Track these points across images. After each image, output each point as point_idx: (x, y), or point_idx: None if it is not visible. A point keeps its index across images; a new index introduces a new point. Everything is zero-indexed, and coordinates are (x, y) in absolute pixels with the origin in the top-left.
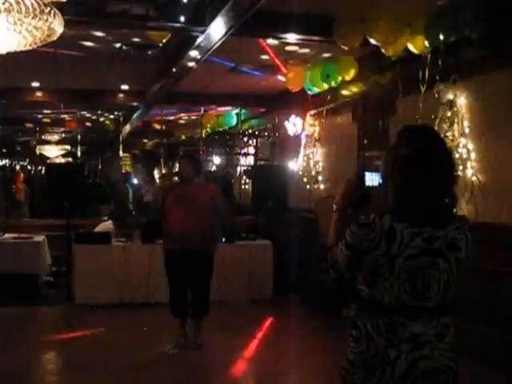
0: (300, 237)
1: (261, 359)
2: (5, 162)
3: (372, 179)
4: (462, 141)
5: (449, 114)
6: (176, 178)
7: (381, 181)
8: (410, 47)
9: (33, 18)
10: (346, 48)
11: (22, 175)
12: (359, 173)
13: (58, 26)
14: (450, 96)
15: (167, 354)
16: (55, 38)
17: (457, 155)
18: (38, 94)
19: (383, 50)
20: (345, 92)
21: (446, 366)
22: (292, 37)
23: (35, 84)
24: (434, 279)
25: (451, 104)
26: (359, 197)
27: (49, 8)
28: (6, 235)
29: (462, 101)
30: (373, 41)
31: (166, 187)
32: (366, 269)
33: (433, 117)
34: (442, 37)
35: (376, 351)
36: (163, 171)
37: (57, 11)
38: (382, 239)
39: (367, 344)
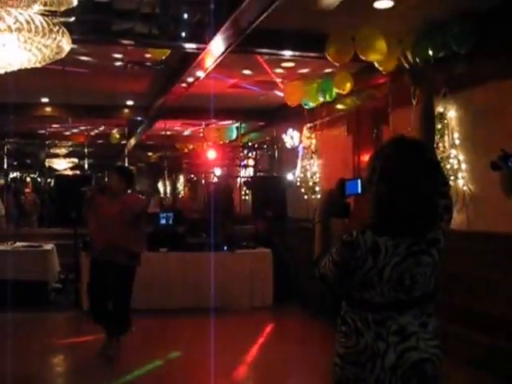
0: (298, 245)
1: (262, 364)
2: (16, 174)
3: (352, 188)
4: (453, 152)
5: (439, 126)
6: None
7: (360, 190)
8: (402, 63)
9: (42, 37)
10: (336, 64)
11: (30, 186)
12: (340, 182)
13: (65, 44)
14: (441, 109)
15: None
16: (63, 56)
17: (448, 166)
18: (48, 109)
19: (376, 65)
20: (340, 106)
21: (432, 355)
22: (288, 53)
23: (44, 99)
24: (421, 274)
25: (441, 116)
26: (340, 206)
27: (57, 27)
28: (17, 244)
29: (451, 113)
30: (365, 58)
31: (90, 198)
32: (355, 280)
33: None
34: (431, 52)
35: (365, 345)
36: (167, 183)
37: (65, 30)
38: (368, 255)
39: (357, 338)
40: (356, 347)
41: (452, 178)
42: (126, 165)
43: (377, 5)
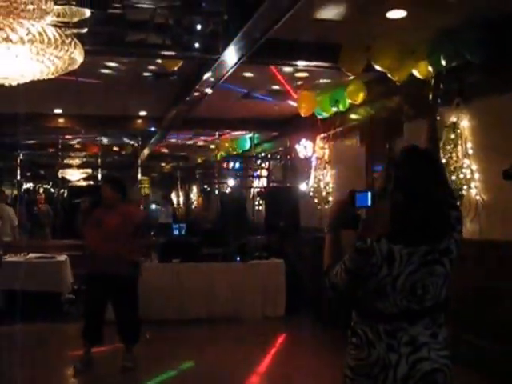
0: (311, 255)
1: (274, 374)
2: (29, 185)
3: (362, 201)
4: (466, 161)
5: (452, 136)
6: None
7: (370, 202)
8: (415, 72)
9: (54, 48)
10: (350, 74)
11: (43, 197)
12: (350, 194)
13: (78, 56)
14: (454, 119)
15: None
16: (76, 67)
17: (461, 175)
18: (61, 120)
19: (389, 75)
20: (353, 116)
21: (443, 365)
22: (301, 64)
23: (58, 111)
24: (432, 284)
25: (454, 126)
26: (350, 218)
27: (69, 38)
28: (30, 255)
29: (465, 123)
30: (379, 67)
31: (85, 211)
32: (368, 287)
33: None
34: (443, 62)
35: (377, 357)
36: (180, 194)
37: (77, 41)
38: (382, 262)
39: (368, 350)
40: (368, 359)
41: (465, 187)
42: (140, 176)
43: (390, 15)
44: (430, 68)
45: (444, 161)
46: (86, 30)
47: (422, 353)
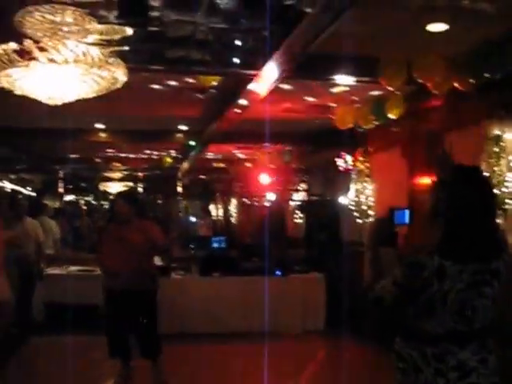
0: (351, 269)
1: None
2: (71, 198)
3: (400, 218)
4: (509, 175)
5: (496, 149)
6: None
7: (408, 220)
8: (456, 85)
9: (98, 68)
10: (390, 88)
11: (83, 210)
12: (389, 212)
13: (121, 76)
14: (497, 131)
15: None
16: (119, 86)
17: (504, 189)
18: (102, 134)
19: (431, 88)
20: (393, 129)
21: None
22: (340, 78)
23: (99, 125)
24: (482, 306)
25: (498, 139)
26: (389, 235)
27: (113, 58)
28: (71, 268)
29: (509, 136)
30: (419, 80)
31: (101, 228)
32: (418, 303)
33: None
34: (486, 74)
35: (425, 382)
36: (219, 206)
37: (120, 61)
38: (434, 277)
39: (416, 375)
40: None
41: (508, 201)
42: (180, 188)
43: (430, 28)
44: (472, 80)
45: (487, 174)
46: (127, 47)
47: (471, 378)
